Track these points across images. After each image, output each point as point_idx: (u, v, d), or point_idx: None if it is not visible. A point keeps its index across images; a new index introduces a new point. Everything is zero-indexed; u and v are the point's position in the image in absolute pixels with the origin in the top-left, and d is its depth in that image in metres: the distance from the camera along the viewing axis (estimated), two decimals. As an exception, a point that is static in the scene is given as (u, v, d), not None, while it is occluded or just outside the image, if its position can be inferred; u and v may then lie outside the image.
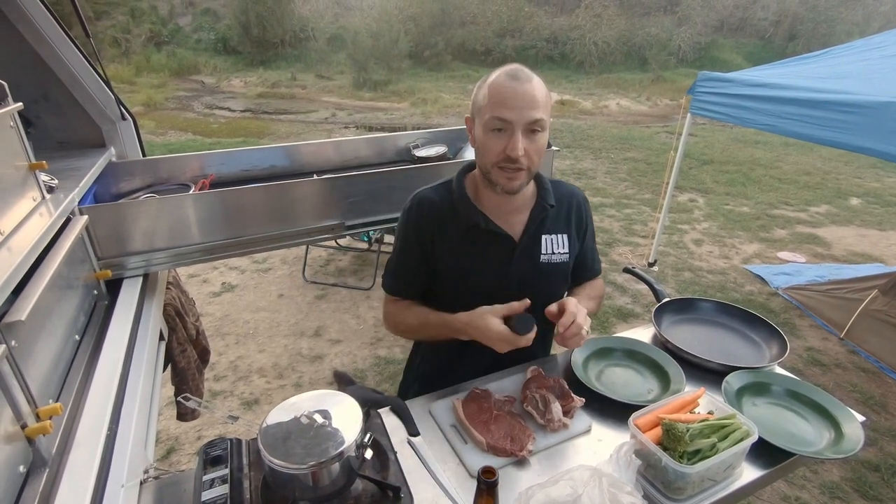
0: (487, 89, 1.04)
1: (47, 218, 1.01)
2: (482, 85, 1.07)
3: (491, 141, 1.04)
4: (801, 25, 16.66)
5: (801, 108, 2.85)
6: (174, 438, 2.41)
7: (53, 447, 0.80)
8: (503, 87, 1.01)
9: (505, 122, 1.01)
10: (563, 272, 1.22)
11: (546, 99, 1.05)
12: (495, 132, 1.03)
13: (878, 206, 5.93)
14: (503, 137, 1.02)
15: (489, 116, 1.02)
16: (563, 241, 1.20)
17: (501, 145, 1.03)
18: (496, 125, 1.02)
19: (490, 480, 0.66)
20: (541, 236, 1.18)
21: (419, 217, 1.17)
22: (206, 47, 16.28)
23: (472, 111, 1.10)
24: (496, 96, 1.02)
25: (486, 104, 1.04)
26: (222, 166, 1.89)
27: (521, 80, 1.01)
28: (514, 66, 1.05)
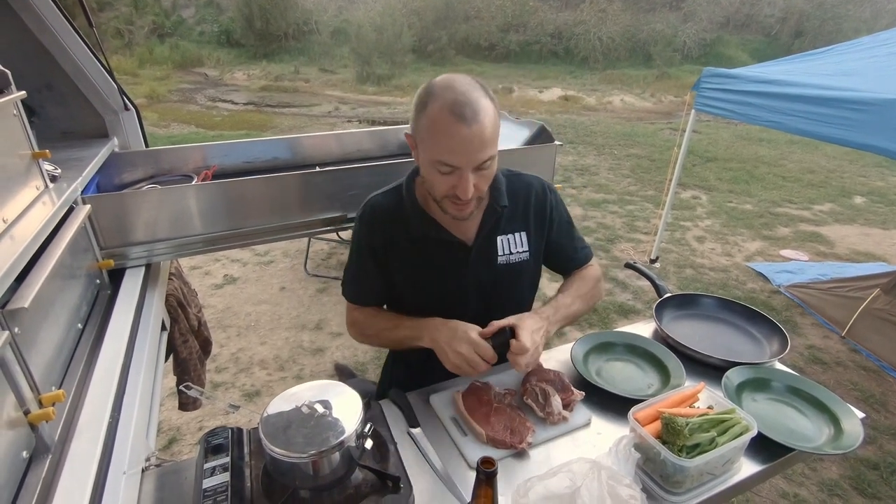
0: (430, 124, 0.92)
1: (50, 207, 1.01)
2: (422, 111, 0.94)
3: (437, 179, 0.96)
4: (807, 22, 16.52)
5: (806, 104, 2.83)
6: (176, 429, 2.42)
7: (56, 434, 0.80)
8: (449, 131, 0.90)
9: (452, 167, 0.93)
10: (525, 271, 1.17)
11: (495, 129, 0.94)
12: (441, 174, 0.95)
13: (883, 205, 5.90)
14: (451, 178, 0.94)
15: (434, 159, 0.94)
16: (521, 238, 1.15)
17: (449, 184, 0.95)
18: (442, 169, 0.94)
19: (489, 471, 0.66)
20: (495, 238, 1.13)
21: (371, 224, 1.13)
22: (209, 40, 16.26)
23: (413, 132, 1.00)
24: (441, 140, 0.91)
25: (429, 142, 0.94)
26: (225, 158, 1.89)
27: (467, 122, 0.89)
28: (457, 96, 0.90)
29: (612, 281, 3.92)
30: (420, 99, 0.95)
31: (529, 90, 13.01)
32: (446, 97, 0.91)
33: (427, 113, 0.93)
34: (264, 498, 0.80)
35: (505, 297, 1.18)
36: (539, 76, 14.56)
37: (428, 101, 0.93)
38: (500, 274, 1.14)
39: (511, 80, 13.99)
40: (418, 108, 0.96)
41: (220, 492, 0.78)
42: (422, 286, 1.15)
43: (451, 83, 0.93)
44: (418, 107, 0.96)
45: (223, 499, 0.77)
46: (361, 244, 1.15)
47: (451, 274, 1.13)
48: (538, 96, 12.45)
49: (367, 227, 1.13)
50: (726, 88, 3.44)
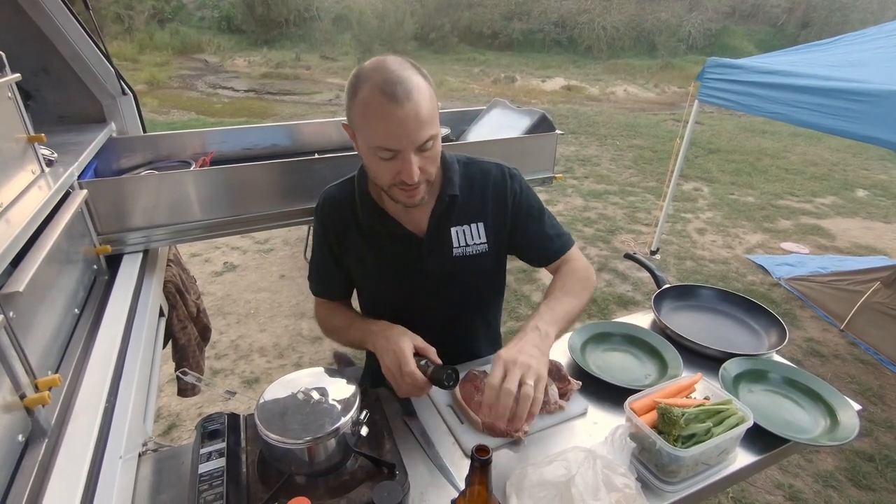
0: (363, 109, 0.87)
1: (46, 191, 1.00)
2: (354, 97, 0.89)
3: (379, 166, 0.91)
4: (814, 13, 16.33)
5: (811, 96, 2.80)
6: (175, 415, 2.43)
7: (52, 418, 0.80)
8: (381, 114, 0.85)
9: (392, 150, 0.88)
10: (484, 264, 1.11)
11: (432, 106, 0.89)
12: (382, 160, 0.90)
13: (885, 199, 5.87)
14: (394, 164, 0.90)
15: (373, 146, 0.89)
16: (477, 230, 1.09)
17: (393, 170, 0.90)
18: (383, 154, 0.89)
19: (483, 458, 0.66)
20: (449, 229, 1.07)
21: (324, 217, 1.10)
22: (209, 25, 16.10)
23: (349, 120, 0.95)
24: (375, 124, 0.87)
25: (364, 128, 0.89)
26: (223, 144, 1.88)
27: (399, 101, 0.84)
28: (388, 76, 0.85)
29: (612, 272, 3.91)
30: (351, 85, 0.90)
31: (532, 79, 12.90)
32: (375, 79, 0.86)
33: (359, 98, 0.88)
34: (260, 483, 0.81)
35: (464, 291, 1.14)
36: (542, 65, 14.44)
37: (358, 85, 0.88)
38: (456, 266, 1.08)
39: (514, 68, 13.88)
40: (350, 94, 0.90)
41: (216, 476, 0.78)
42: (378, 280, 1.12)
43: (380, 64, 0.88)
44: (350, 93, 0.90)
45: (219, 483, 0.77)
46: (319, 237, 1.13)
47: (406, 267, 1.09)
48: (541, 85, 12.35)
49: (321, 220, 1.11)
50: (731, 79, 3.41)
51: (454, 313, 1.17)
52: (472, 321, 1.22)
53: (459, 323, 1.19)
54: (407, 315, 1.06)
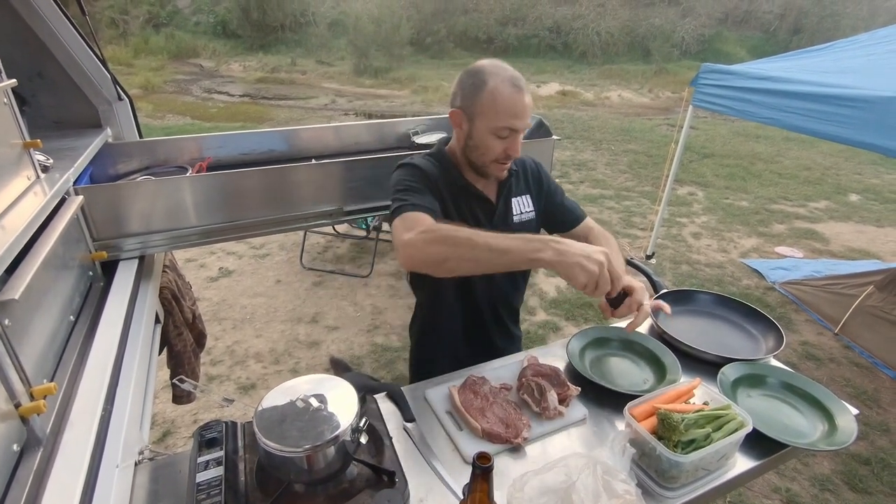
0: (492, 97, 1.08)
1: (42, 197, 1.00)
2: (480, 87, 1.10)
3: (494, 143, 1.13)
4: (805, 19, 16.50)
5: (803, 101, 2.83)
6: (170, 422, 2.41)
7: (48, 426, 0.80)
8: (512, 99, 1.08)
9: (514, 130, 1.11)
10: (531, 228, 1.32)
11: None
12: (500, 138, 1.12)
13: (877, 203, 5.93)
14: (506, 141, 1.13)
15: (499, 125, 1.10)
16: (527, 200, 1.32)
17: (503, 146, 1.13)
18: (503, 133, 1.11)
19: (485, 466, 0.66)
20: (511, 199, 1.29)
21: (423, 166, 1.20)
22: (205, 30, 16.09)
23: (464, 107, 1.14)
24: (506, 107, 1.09)
25: (491, 111, 1.10)
26: (220, 149, 1.87)
27: (522, 91, 1.10)
28: (510, 72, 1.11)
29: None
30: (473, 81, 1.11)
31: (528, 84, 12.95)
32: (503, 75, 1.10)
33: (488, 89, 1.09)
34: (258, 492, 0.80)
35: None
36: (537, 70, 14.51)
37: (485, 79, 1.09)
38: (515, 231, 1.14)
39: (509, 74, 13.91)
40: (474, 87, 1.11)
41: (214, 486, 0.78)
42: None
43: (497, 64, 1.13)
44: (473, 87, 1.11)
45: (217, 493, 0.76)
46: (417, 173, 1.18)
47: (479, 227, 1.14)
48: (536, 91, 12.40)
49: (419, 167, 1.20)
50: (724, 84, 3.44)
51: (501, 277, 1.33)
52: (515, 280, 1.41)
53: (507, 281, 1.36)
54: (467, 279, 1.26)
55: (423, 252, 0.99)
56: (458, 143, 1.21)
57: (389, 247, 4.25)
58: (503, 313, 1.40)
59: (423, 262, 1.01)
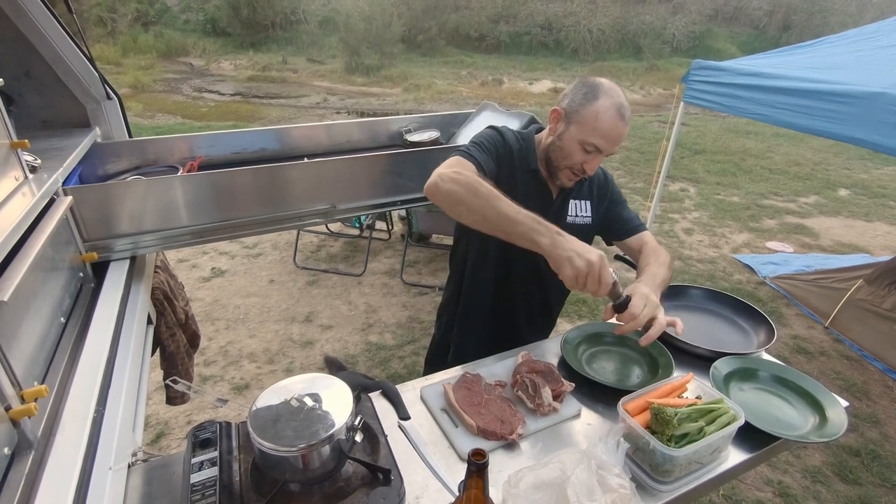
0: (596, 112, 1.13)
1: (30, 198, 0.98)
2: (592, 99, 1.14)
3: (577, 153, 1.18)
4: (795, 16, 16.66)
5: (793, 97, 2.85)
6: (164, 423, 2.40)
7: (39, 429, 0.79)
8: (612, 124, 1.13)
9: (598, 149, 1.16)
10: (584, 234, 1.32)
11: None
12: (585, 151, 1.16)
13: (866, 198, 5.99)
14: (588, 156, 1.17)
15: (586, 139, 1.15)
16: (586, 206, 1.35)
17: (582, 159, 1.18)
18: (588, 148, 1.16)
19: (480, 462, 0.66)
20: (569, 200, 1.33)
21: (507, 139, 1.27)
22: (194, 28, 15.97)
23: (567, 111, 1.19)
24: (603, 128, 1.13)
25: (587, 124, 1.14)
26: (211, 148, 1.86)
27: (625, 121, 1.15)
28: (622, 101, 1.14)
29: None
30: (588, 89, 1.16)
31: (519, 82, 12.98)
32: (615, 99, 1.14)
33: (597, 104, 1.13)
34: (253, 492, 0.80)
35: None
36: (529, 67, 14.53)
37: (598, 94, 1.14)
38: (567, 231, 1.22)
39: (501, 71, 13.95)
40: (586, 97, 1.15)
41: (208, 486, 0.77)
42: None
43: (615, 88, 1.17)
44: (586, 96, 1.15)
45: (211, 493, 0.76)
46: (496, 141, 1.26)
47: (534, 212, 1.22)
48: (528, 88, 12.43)
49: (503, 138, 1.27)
50: (715, 81, 3.46)
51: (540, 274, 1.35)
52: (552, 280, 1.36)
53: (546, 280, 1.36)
54: (509, 261, 1.33)
55: (445, 187, 1.05)
56: (546, 138, 1.27)
57: (383, 245, 4.25)
58: (535, 307, 1.44)
59: (441, 196, 1.06)
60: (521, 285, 1.39)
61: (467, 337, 1.46)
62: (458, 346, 1.47)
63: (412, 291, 3.63)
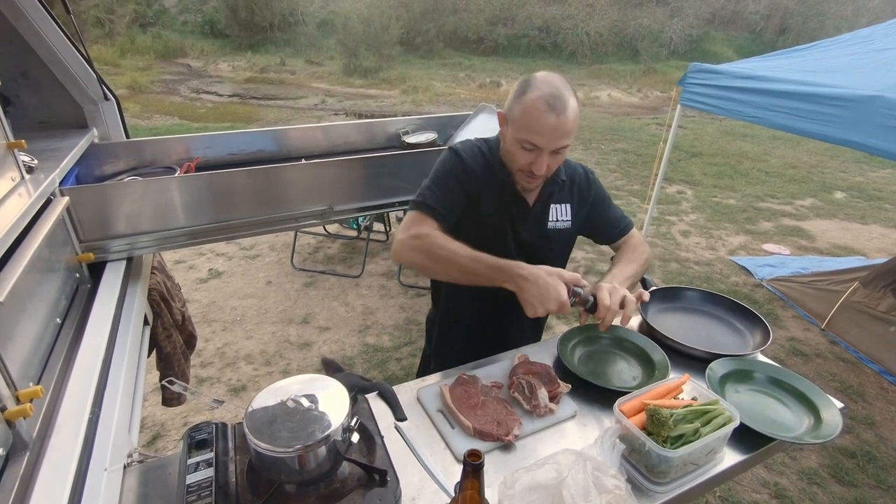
0: (524, 108, 1.09)
1: (26, 198, 0.98)
2: (521, 95, 1.10)
3: (519, 153, 1.14)
4: (791, 19, 16.73)
5: (789, 100, 2.87)
6: (160, 424, 2.39)
7: (34, 430, 0.79)
8: (539, 117, 1.07)
9: (535, 146, 1.10)
10: (565, 238, 1.34)
11: (576, 122, 1.10)
12: (524, 149, 1.12)
13: (862, 200, 6.02)
14: (530, 155, 1.12)
15: (521, 137, 1.11)
16: (567, 209, 1.32)
17: (528, 160, 1.13)
18: (526, 146, 1.11)
19: (476, 463, 0.66)
20: (550, 205, 1.29)
21: (469, 157, 1.23)
22: (192, 30, 15.95)
23: (506, 112, 1.16)
24: (531, 123, 1.08)
25: (519, 122, 1.11)
26: (208, 150, 1.86)
27: (557, 112, 1.06)
28: (553, 90, 1.07)
29: (599, 275, 3.94)
30: (520, 86, 1.12)
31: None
32: (544, 90, 1.07)
33: (525, 99, 1.09)
34: (249, 493, 0.79)
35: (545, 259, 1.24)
36: (527, 70, 14.52)
37: (527, 89, 1.09)
38: (546, 238, 1.30)
39: (499, 73, 13.97)
40: (517, 93, 1.12)
41: (204, 487, 0.77)
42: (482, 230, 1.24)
43: (549, 79, 1.10)
44: (518, 92, 1.12)
45: (207, 494, 0.76)
46: (455, 166, 1.22)
47: (510, 226, 1.26)
48: (526, 90, 12.42)
49: (463, 157, 1.23)
50: (711, 84, 3.47)
51: None
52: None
53: None
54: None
55: (406, 256, 1.16)
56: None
57: (380, 247, 4.24)
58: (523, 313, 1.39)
59: (406, 264, 1.20)
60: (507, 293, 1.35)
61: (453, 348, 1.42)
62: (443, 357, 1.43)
63: (409, 293, 3.63)
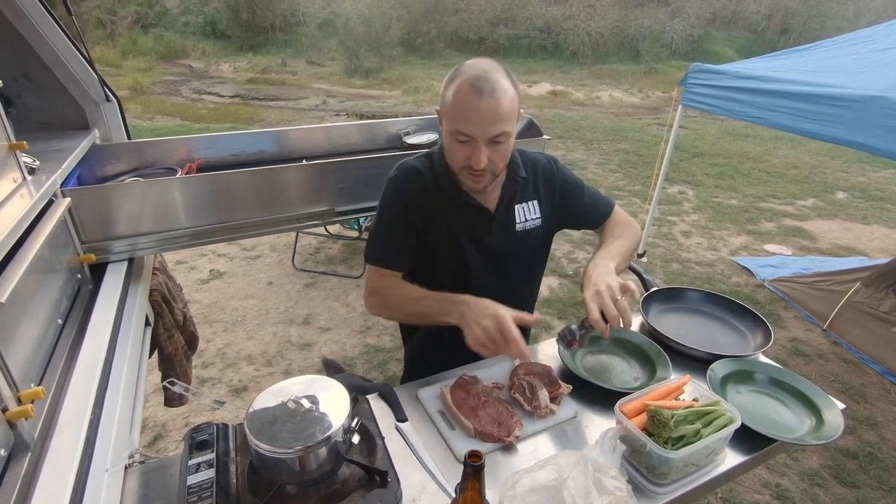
0: (453, 97, 1.01)
1: (28, 200, 0.99)
2: (449, 84, 1.04)
3: (455, 148, 1.05)
4: (792, 19, 16.71)
5: (790, 100, 2.86)
6: (161, 425, 2.39)
7: (35, 431, 0.79)
8: (466, 102, 0.99)
9: (468, 136, 1.01)
10: (539, 237, 1.27)
11: (512, 107, 1.02)
12: (459, 143, 1.03)
13: (863, 201, 6.01)
14: (467, 148, 1.03)
15: (452, 129, 1.03)
16: (534, 207, 1.24)
17: (465, 154, 1.04)
18: (459, 138, 1.02)
19: (476, 464, 0.66)
20: (514, 206, 1.22)
21: (406, 184, 1.17)
22: (193, 31, 15.97)
23: (441, 107, 1.08)
24: (459, 110, 1.00)
25: (449, 112, 1.04)
26: (210, 150, 1.86)
27: (484, 95, 0.97)
28: (479, 73, 0.99)
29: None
30: (449, 76, 1.05)
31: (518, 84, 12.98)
32: (469, 74, 1.00)
33: (451, 87, 1.02)
34: (250, 493, 0.80)
35: (518, 263, 1.25)
36: (528, 70, 14.55)
37: (455, 76, 1.03)
38: (517, 240, 1.22)
39: (500, 74, 13.93)
40: (446, 84, 1.05)
41: (205, 488, 0.77)
42: (445, 248, 1.19)
43: (477, 63, 1.03)
44: (446, 83, 1.05)
45: (208, 495, 0.76)
46: (395, 203, 1.17)
47: (474, 238, 1.19)
48: (527, 91, 12.44)
49: (399, 187, 1.17)
50: (713, 84, 3.47)
51: (507, 283, 1.27)
52: (519, 290, 1.32)
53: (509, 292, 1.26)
54: (464, 285, 1.17)
55: (374, 312, 1.21)
56: None
57: (382, 247, 4.24)
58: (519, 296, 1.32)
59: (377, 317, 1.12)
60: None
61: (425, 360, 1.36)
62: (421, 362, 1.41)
63: (411, 294, 3.62)
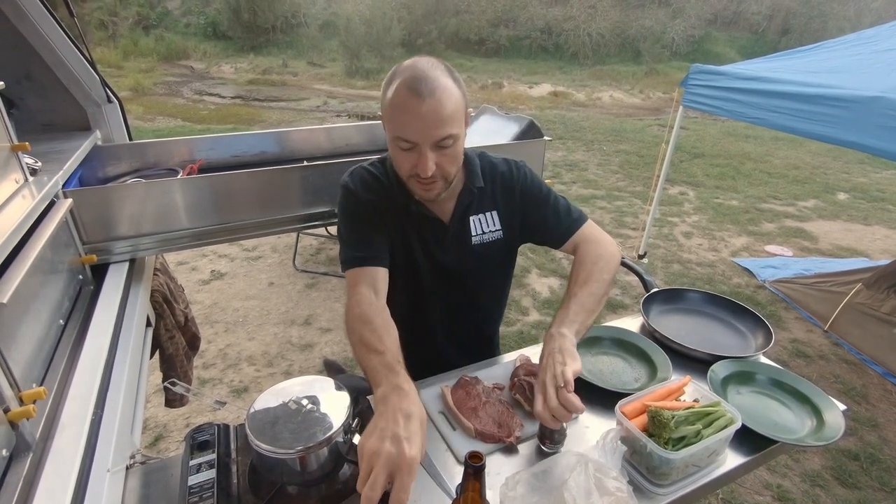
0: (391, 101, 0.93)
1: (30, 200, 0.99)
2: (387, 87, 0.95)
3: (400, 156, 0.97)
4: (793, 20, 16.72)
5: (791, 101, 2.86)
6: (163, 426, 2.40)
7: (37, 431, 0.79)
8: (403, 106, 0.90)
9: (410, 142, 0.93)
10: (498, 249, 1.18)
11: (456, 107, 0.93)
12: (402, 150, 0.95)
13: (865, 202, 6.00)
14: (412, 155, 0.95)
15: (394, 135, 0.94)
16: (492, 218, 1.16)
17: (411, 162, 0.95)
18: (402, 145, 0.94)
19: (477, 465, 0.66)
20: (468, 219, 1.14)
21: (365, 189, 1.09)
22: (195, 32, 16.02)
23: (381, 111, 0.99)
24: (398, 114, 0.92)
25: (388, 118, 0.95)
26: (211, 151, 1.87)
27: (422, 97, 0.88)
28: (416, 73, 0.90)
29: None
30: (387, 79, 0.96)
31: (519, 85, 13.01)
32: (406, 75, 0.92)
33: (389, 91, 0.94)
34: (251, 494, 0.80)
35: (479, 277, 1.19)
36: (529, 71, 14.57)
37: (392, 79, 0.94)
38: (475, 254, 1.15)
39: (501, 74, 13.98)
40: (384, 87, 0.97)
41: (206, 488, 0.77)
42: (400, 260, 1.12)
43: (414, 63, 0.94)
44: (384, 86, 0.97)
45: (209, 495, 0.76)
46: (359, 203, 1.08)
47: (428, 250, 1.13)
48: (528, 91, 12.46)
49: (354, 191, 1.09)
50: (713, 85, 3.47)
51: (467, 297, 1.22)
52: (484, 305, 1.28)
53: (472, 308, 1.22)
54: (421, 298, 1.14)
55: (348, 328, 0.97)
56: None
57: (382, 248, 4.24)
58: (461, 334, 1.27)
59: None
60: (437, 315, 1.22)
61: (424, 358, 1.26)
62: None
63: (411, 294, 3.63)
